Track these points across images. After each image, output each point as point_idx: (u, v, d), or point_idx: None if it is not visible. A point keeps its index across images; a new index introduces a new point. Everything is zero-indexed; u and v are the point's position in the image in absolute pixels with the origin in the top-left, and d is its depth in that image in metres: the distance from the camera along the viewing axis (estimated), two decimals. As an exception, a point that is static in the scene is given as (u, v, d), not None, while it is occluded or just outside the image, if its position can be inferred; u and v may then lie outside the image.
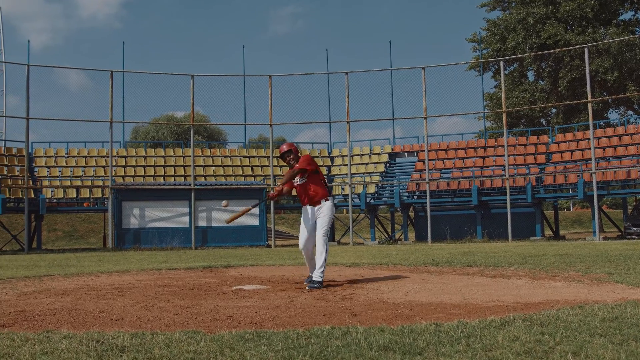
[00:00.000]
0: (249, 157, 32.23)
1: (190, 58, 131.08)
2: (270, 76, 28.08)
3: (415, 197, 29.10)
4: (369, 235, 30.05)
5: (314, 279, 7.81)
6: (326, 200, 8.07)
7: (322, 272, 7.80)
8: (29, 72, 25.93)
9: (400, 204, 28.05)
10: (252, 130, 76.50)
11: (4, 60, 54.78)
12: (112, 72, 26.83)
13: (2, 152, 29.33)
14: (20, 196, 26.45)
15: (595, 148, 25.65)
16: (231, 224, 8.23)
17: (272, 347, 3.77)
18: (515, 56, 38.57)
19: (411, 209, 30.10)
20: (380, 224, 31.51)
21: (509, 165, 26.95)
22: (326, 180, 8.43)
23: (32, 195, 26.43)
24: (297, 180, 8.12)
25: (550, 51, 34.71)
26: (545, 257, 11.94)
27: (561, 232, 33.04)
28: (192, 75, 27.47)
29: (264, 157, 32.03)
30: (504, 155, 27.22)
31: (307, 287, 7.67)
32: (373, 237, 28.95)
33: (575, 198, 28.83)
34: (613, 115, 49.39)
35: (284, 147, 8.33)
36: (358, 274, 9.58)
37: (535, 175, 27.06)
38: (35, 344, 4.00)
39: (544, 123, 44.28)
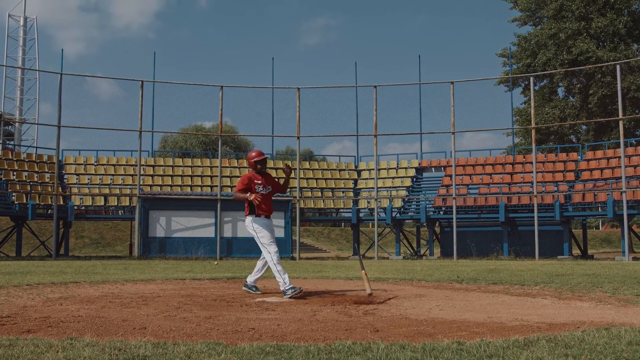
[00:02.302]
0: (276, 169, 32.31)
1: (220, 69, 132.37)
2: (298, 88, 28.18)
3: (441, 213, 28.91)
4: (394, 249, 29.91)
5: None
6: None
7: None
8: (62, 80, 26.37)
9: (426, 219, 27.88)
10: (279, 142, 76.63)
11: (38, 68, 55.83)
12: (142, 82, 27.14)
13: (34, 159, 29.81)
14: (50, 203, 26.82)
15: (626, 166, 25.26)
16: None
17: (292, 361, 3.77)
18: (545, 72, 38.25)
19: (437, 224, 29.91)
20: (406, 239, 31.34)
21: (537, 182, 26.67)
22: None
23: (61, 202, 26.79)
24: (264, 189, 8.79)
25: (581, 67, 34.38)
26: (572, 277, 11.77)
27: (589, 252, 32.57)
28: (222, 86, 27.68)
29: (291, 169, 32.03)
30: (532, 172, 26.96)
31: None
32: (398, 251, 28.80)
33: (604, 217, 28.42)
34: (645, 134, 48.61)
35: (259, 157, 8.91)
36: (381, 288, 9.53)
37: (564, 193, 26.74)
38: (58, 351, 4.04)
39: (573, 140, 43.80)
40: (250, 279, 8.91)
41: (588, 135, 41.89)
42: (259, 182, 8.77)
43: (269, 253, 8.35)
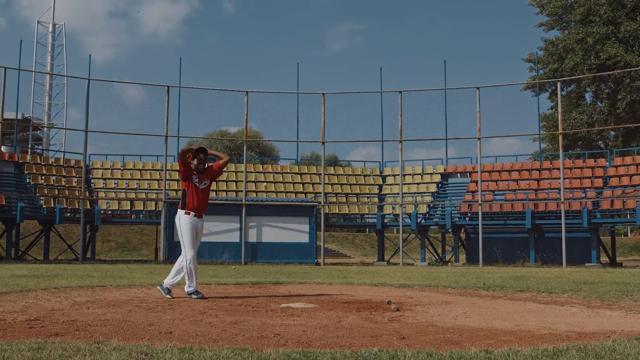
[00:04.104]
0: (301, 174, 32.36)
1: (245, 74, 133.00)
2: (323, 94, 28.20)
3: (467, 219, 28.71)
4: (419, 255, 29.76)
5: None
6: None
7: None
8: (89, 86, 26.69)
9: (451, 225, 27.70)
10: (304, 147, 76.93)
11: (66, 74, 56.59)
12: (168, 87, 27.37)
13: (61, 164, 30.19)
14: (77, 207, 27.12)
15: (655, 173, 24.89)
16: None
17: (318, 368, 3.74)
18: (573, 77, 37.86)
19: (462, 230, 29.70)
20: (431, 245, 31.17)
21: (565, 188, 26.37)
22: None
23: (88, 206, 27.07)
24: (200, 183, 8.63)
25: (609, 72, 33.99)
26: (600, 285, 11.59)
27: (618, 259, 32.09)
28: (247, 92, 27.80)
29: (316, 174, 32.10)
30: (559, 178, 26.67)
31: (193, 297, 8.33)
32: (423, 258, 28.64)
33: (633, 224, 28.00)
34: (675, 140, 47.83)
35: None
36: (407, 295, 9.46)
37: (592, 200, 26.40)
38: (86, 355, 4.06)
39: (601, 146, 43.26)
40: (167, 281, 8.65)
41: (616, 141, 41.35)
42: (195, 174, 8.69)
43: (185, 255, 8.44)
